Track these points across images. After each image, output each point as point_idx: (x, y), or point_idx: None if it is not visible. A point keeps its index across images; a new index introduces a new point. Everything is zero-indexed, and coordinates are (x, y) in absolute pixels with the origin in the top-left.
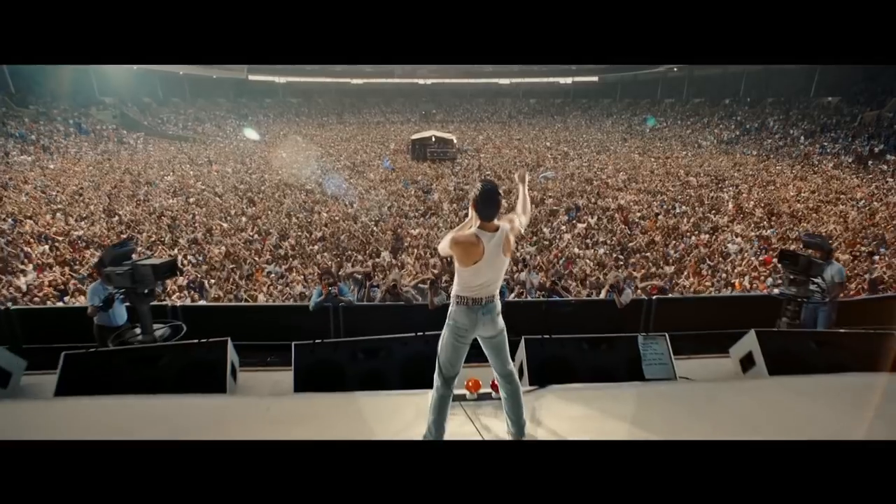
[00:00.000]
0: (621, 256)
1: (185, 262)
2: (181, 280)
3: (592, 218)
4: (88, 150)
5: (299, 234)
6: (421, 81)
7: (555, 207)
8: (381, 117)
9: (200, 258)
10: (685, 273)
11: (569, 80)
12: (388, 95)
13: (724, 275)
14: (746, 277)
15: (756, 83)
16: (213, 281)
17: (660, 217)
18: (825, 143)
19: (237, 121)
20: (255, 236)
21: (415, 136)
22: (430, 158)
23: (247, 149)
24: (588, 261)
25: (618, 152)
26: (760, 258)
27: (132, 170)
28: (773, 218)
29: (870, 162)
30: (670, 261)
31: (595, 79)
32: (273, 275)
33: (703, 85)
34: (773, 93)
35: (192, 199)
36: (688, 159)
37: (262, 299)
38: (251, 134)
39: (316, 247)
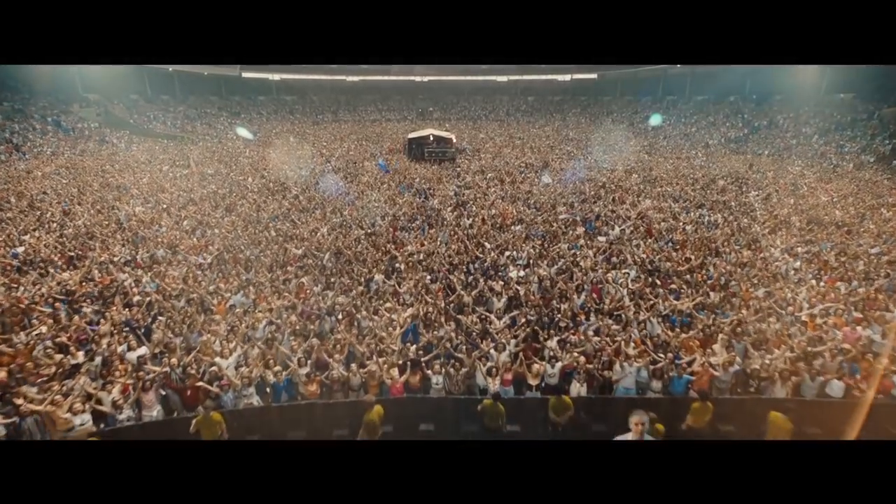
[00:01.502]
0: (658, 281)
1: (135, 289)
2: (117, 317)
3: (613, 230)
4: (66, 150)
5: (277, 250)
6: (417, 79)
7: (571, 215)
8: (377, 115)
9: (154, 285)
10: (736, 302)
11: (567, 78)
12: (384, 93)
13: (786, 304)
14: (817, 308)
15: (762, 80)
16: (161, 318)
17: (687, 227)
18: (843, 143)
19: (229, 119)
20: (226, 255)
21: (412, 135)
22: (428, 159)
23: (236, 148)
24: (618, 286)
25: (624, 151)
26: (822, 282)
27: (107, 171)
28: (815, 227)
29: (894, 161)
30: (716, 286)
31: (594, 76)
32: (238, 308)
33: (707, 82)
34: (781, 89)
35: (164, 206)
36: (700, 160)
37: (217, 349)
38: (244, 133)
39: (294, 267)
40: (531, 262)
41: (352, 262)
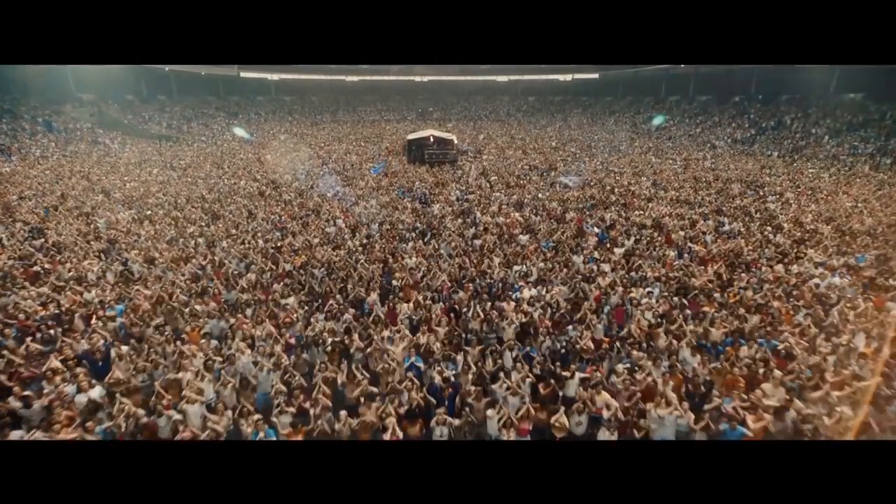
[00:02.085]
0: (685, 302)
1: (100, 312)
2: (68, 350)
3: (629, 239)
4: (55, 152)
5: (263, 265)
6: (417, 79)
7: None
8: (376, 115)
9: (121, 308)
10: (776, 325)
11: (568, 77)
12: (383, 93)
13: (835, 329)
14: (875, 335)
15: (768, 79)
16: (124, 348)
17: (707, 236)
18: (855, 143)
19: (226, 119)
20: (208, 269)
21: (411, 136)
22: (429, 161)
23: (231, 149)
24: (643, 310)
25: (629, 153)
26: (869, 301)
27: (93, 174)
28: (846, 237)
29: None
30: (750, 307)
31: (595, 76)
32: (214, 336)
33: (710, 82)
34: (788, 89)
35: (147, 212)
36: (710, 161)
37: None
38: (241, 133)
39: (280, 286)
40: (543, 277)
41: (344, 279)
